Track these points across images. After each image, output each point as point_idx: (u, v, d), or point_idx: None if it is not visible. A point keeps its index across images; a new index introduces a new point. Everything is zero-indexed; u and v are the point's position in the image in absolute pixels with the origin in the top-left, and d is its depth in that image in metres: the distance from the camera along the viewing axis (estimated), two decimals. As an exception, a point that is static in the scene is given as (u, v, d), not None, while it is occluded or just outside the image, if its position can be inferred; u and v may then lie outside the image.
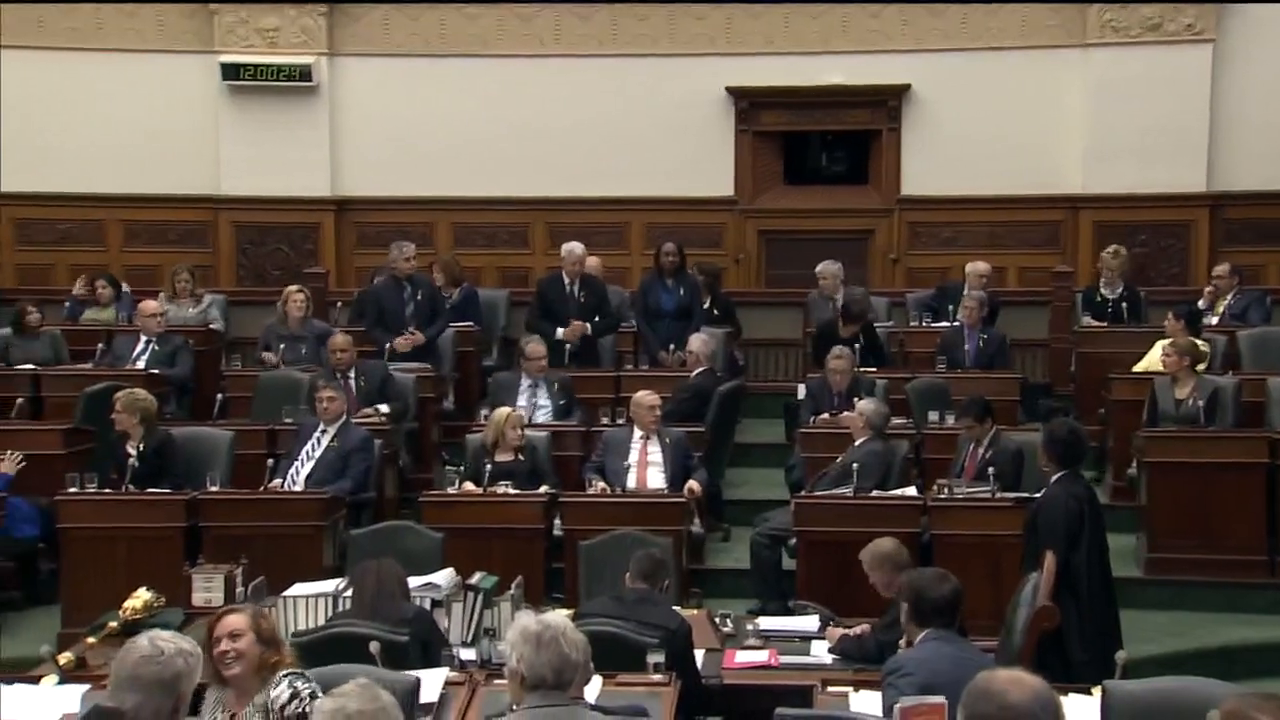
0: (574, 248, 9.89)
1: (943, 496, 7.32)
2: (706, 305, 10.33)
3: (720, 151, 11.79)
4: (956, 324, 9.94)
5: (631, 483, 7.78)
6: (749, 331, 10.85)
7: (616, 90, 11.70)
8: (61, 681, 4.86)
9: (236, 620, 4.13)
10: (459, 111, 11.69)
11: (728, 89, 11.75)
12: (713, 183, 11.80)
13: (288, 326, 9.67)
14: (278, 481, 7.64)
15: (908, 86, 11.67)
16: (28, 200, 11.65)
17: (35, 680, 4.86)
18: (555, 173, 11.68)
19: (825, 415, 8.68)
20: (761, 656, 5.46)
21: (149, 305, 9.56)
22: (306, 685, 4.05)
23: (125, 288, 10.70)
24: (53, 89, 11.51)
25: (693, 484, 7.74)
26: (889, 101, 11.76)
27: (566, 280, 9.79)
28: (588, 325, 9.66)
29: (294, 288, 9.80)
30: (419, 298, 9.62)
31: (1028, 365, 10.50)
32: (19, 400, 8.63)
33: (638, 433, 7.96)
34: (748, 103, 11.81)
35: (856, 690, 4.84)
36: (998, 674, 2.83)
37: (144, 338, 9.38)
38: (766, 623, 5.96)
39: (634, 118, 11.68)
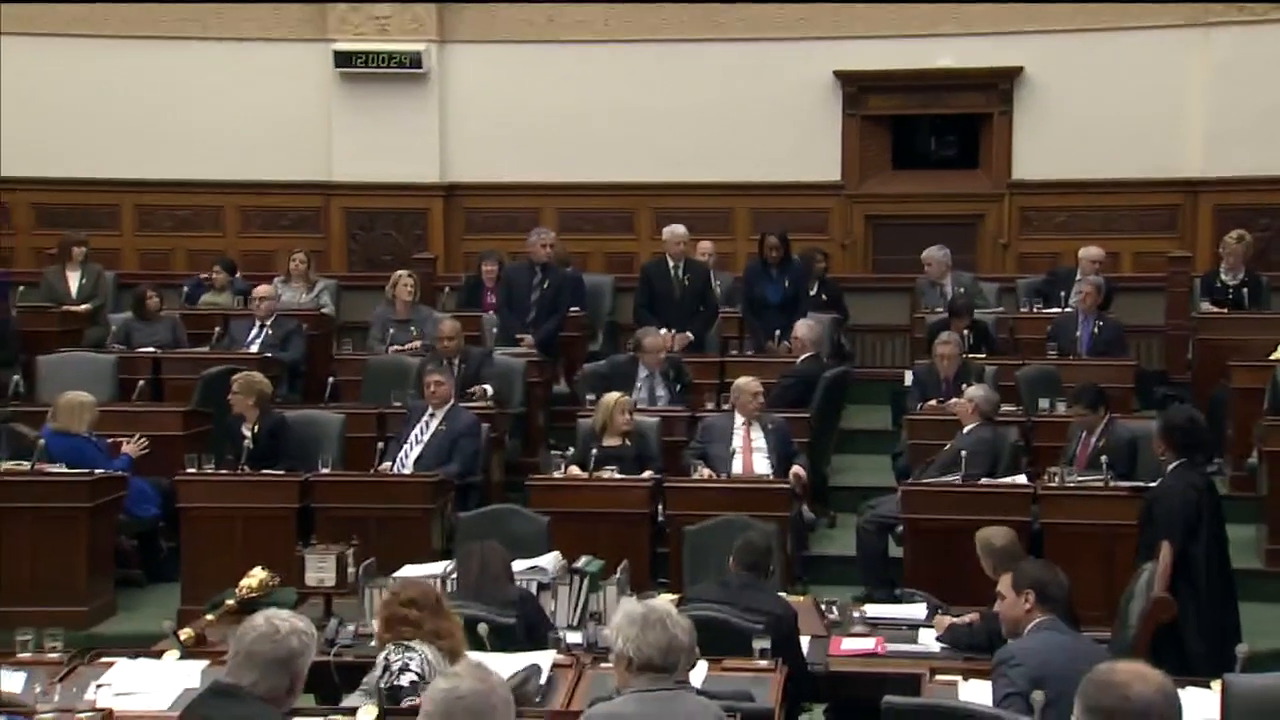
0: (676, 230, 9.87)
1: (1054, 485, 7.20)
2: (814, 292, 10.26)
3: (827, 136, 11.69)
4: (1069, 310, 9.76)
5: (737, 468, 7.76)
6: (855, 317, 10.76)
7: (723, 75, 11.66)
8: (183, 657, 4.96)
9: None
10: (566, 97, 11.73)
11: (835, 73, 11.65)
12: (819, 168, 11.71)
13: (396, 311, 9.79)
14: (387, 464, 7.75)
15: (1020, 69, 11.47)
16: (149, 187, 11.92)
17: (158, 655, 4.97)
18: (661, 158, 11.68)
19: (933, 402, 8.58)
20: (868, 644, 5.42)
21: (260, 289, 9.74)
22: (399, 658, 4.10)
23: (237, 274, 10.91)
24: (172, 78, 11.75)
25: (798, 470, 7.71)
26: (1000, 84, 11.58)
27: (671, 263, 9.77)
28: (690, 335, 9.59)
29: (403, 273, 9.91)
30: (545, 286, 9.68)
31: (1143, 352, 10.28)
32: (140, 383, 8.83)
33: (739, 419, 7.93)
34: (856, 87, 11.70)
35: (965, 679, 4.78)
36: (1119, 666, 2.77)
37: (258, 322, 9.56)
38: (873, 610, 5.91)
39: (740, 103, 11.62)
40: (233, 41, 11.75)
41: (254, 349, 9.36)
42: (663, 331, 9.21)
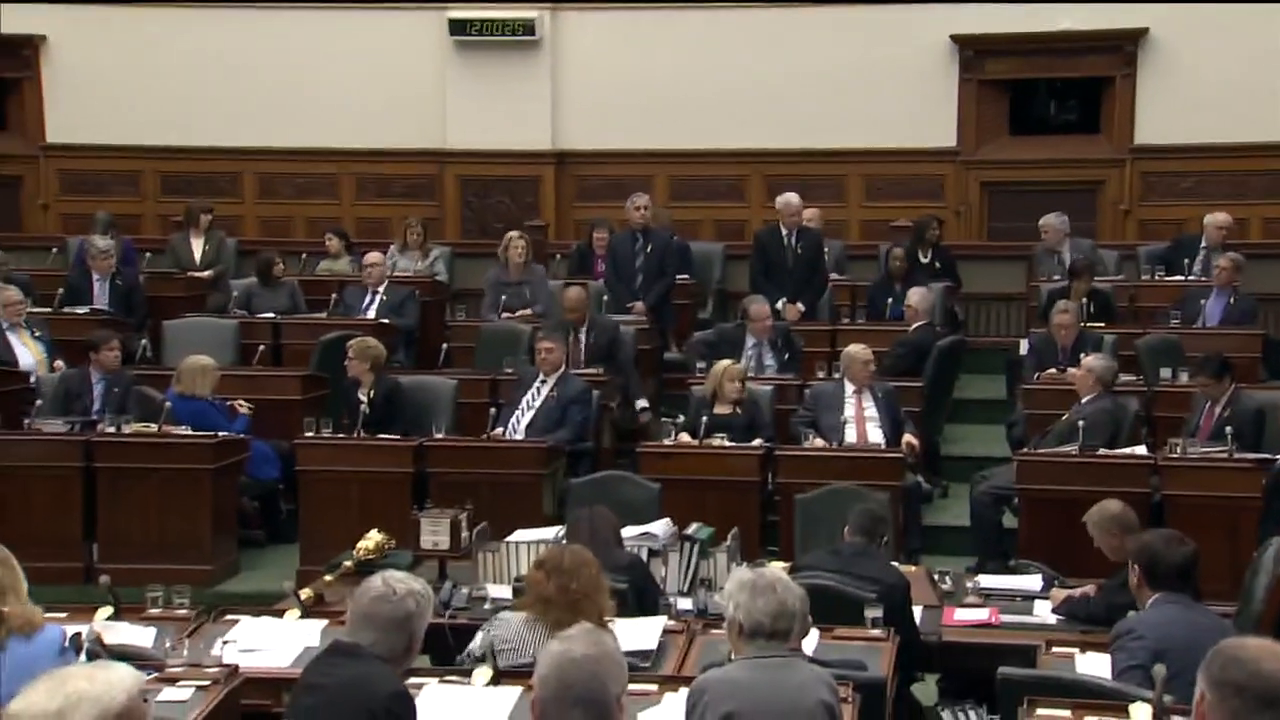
0: (790, 199, 9.80)
1: (1175, 456, 7.03)
2: (927, 259, 10.13)
3: (943, 101, 11.51)
4: (1198, 280, 9.51)
5: (851, 437, 7.70)
6: (969, 285, 10.60)
7: (837, 40, 11.53)
8: (303, 616, 5.06)
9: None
10: (678, 63, 11.68)
11: (952, 37, 11.45)
12: (934, 133, 11.53)
13: (509, 273, 9.86)
14: (499, 430, 7.82)
15: (1145, 31, 11.17)
16: (269, 156, 12.12)
17: (279, 614, 5.08)
18: (773, 124, 11.59)
19: (1050, 371, 8.43)
20: (982, 615, 5.36)
21: (370, 257, 9.86)
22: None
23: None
24: (291, 48, 11.92)
25: (911, 439, 7.63)
26: (1125, 47, 11.29)
27: (784, 231, 9.71)
28: (801, 307, 9.53)
29: (514, 234, 9.97)
30: (649, 250, 9.70)
31: (1271, 320, 9.98)
32: (260, 347, 9.01)
33: (850, 387, 7.87)
34: (973, 51, 11.49)
35: (1083, 651, 4.71)
36: (1248, 642, 2.71)
37: (370, 288, 9.69)
38: (987, 581, 5.84)
39: (854, 67, 11.48)
40: (351, 11, 11.88)
41: (370, 315, 9.49)
42: (780, 303, 9.16)
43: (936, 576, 5.78)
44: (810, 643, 4.40)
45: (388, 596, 3.61)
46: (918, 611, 5.27)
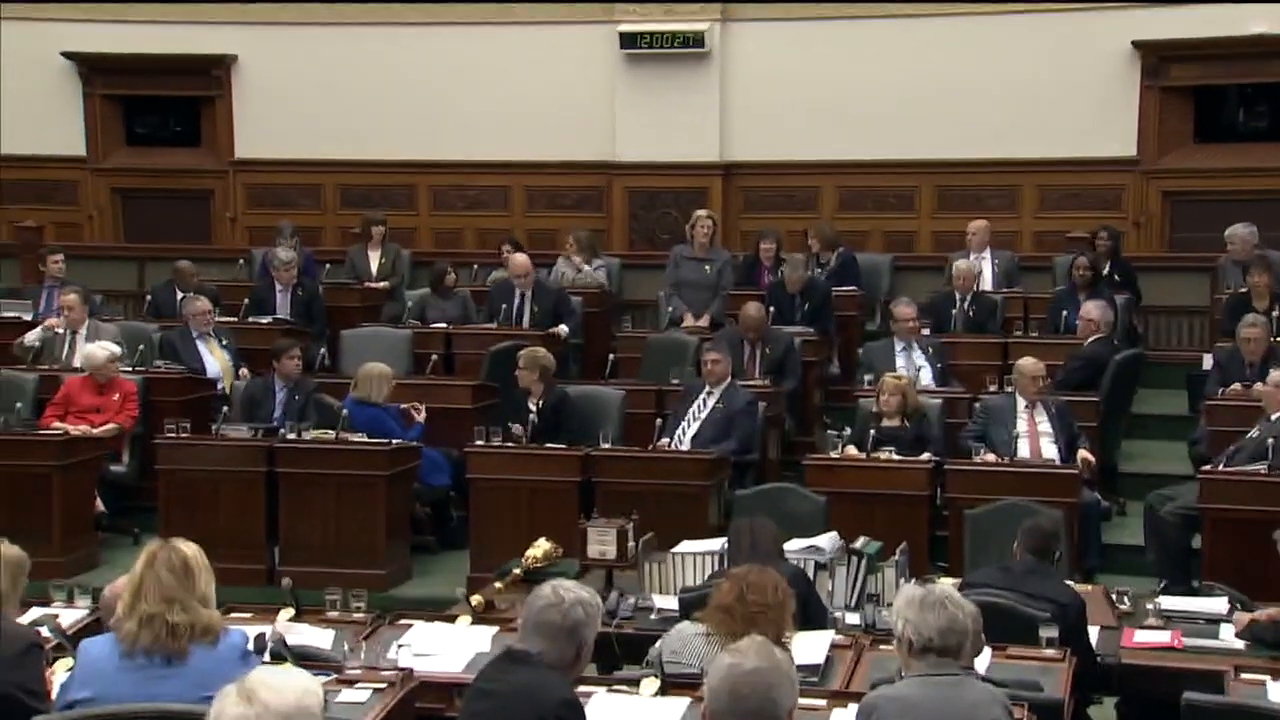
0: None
1: (1374, 477, 6.70)
2: (1106, 271, 9.87)
3: (1123, 109, 11.17)
4: None
5: (1023, 452, 7.55)
6: (1149, 298, 10.28)
7: (1012, 48, 11.29)
8: (474, 622, 5.13)
9: None
10: (847, 74, 11.58)
11: (1134, 43, 11.11)
12: (1113, 142, 11.20)
13: (694, 250, 10.05)
14: (665, 441, 7.85)
15: (1340, 33, 10.71)
16: (442, 169, 12.37)
17: (451, 619, 5.16)
18: (945, 134, 11.41)
19: (1236, 386, 8.13)
20: (1163, 637, 5.19)
21: (516, 259, 9.94)
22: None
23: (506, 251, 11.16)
24: (464, 63, 12.12)
25: (1087, 454, 7.44)
26: (1322, 51, 10.82)
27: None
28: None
29: (703, 212, 10.21)
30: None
31: None
32: (433, 357, 9.20)
33: (1022, 401, 7.71)
34: (1156, 57, 11.13)
35: (1275, 679, 4.52)
36: None
37: (518, 294, 9.76)
38: (1168, 602, 5.64)
39: (1029, 76, 11.23)
40: (524, 27, 12.04)
41: (525, 323, 9.60)
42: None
43: (1114, 596, 5.62)
44: (982, 662, 4.32)
45: (557, 605, 3.65)
46: (1094, 632, 5.14)
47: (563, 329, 9.53)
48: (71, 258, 10.58)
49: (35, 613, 4.81)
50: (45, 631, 4.48)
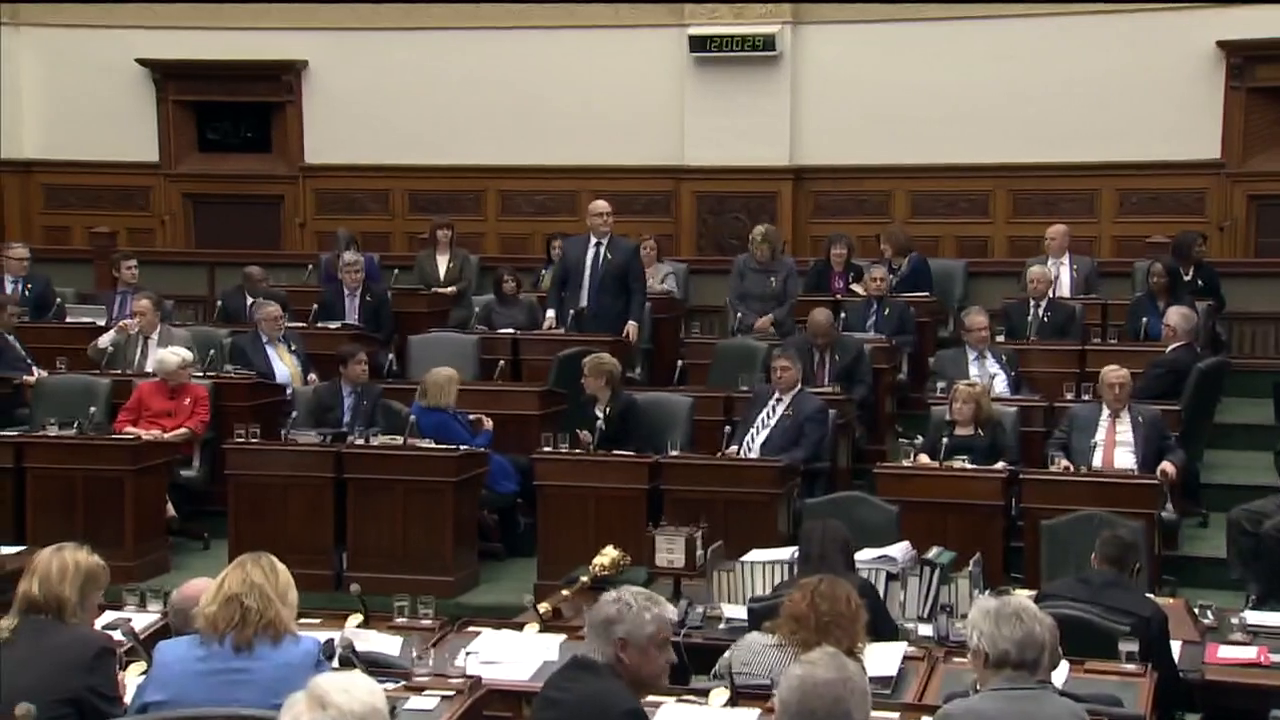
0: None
1: None
2: (1188, 277, 9.67)
3: (1206, 111, 10.95)
4: None
5: (1098, 461, 7.40)
6: (1233, 304, 10.06)
7: (1089, 49, 11.10)
8: (542, 630, 5.10)
9: None
10: (920, 77, 11.44)
11: (1219, 43, 10.89)
12: (1195, 145, 10.98)
13: (756, 260, 9.91)
14: (734, 448, 7.78)
15: None
16: (510, 173, 12.39)
17: (519, 627, 5.14)
18: (1019, 137, 11.25)
19: (1324, 395, 7.92)
20: (1249, 653, 5.04)
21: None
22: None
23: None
24: (532, 68, 12.12)
25: (1166, 465, 7.27)
26: None
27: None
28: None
29: (763, 228, 10.00)
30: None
31: None
32: (500, 363, 9.19)
33: (1106, 410, 7.55)
34: (1241, 57, 10.90)
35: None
36: None
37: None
38: (1254, 617, 5.49)
39: (1107, 77, 11.04)
40: (592, 30, 12.02)
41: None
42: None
43: (1197, 611, 5.48)
44: (1060, 676, 4.21)
45: (601, 603, 3.65)
46: (1176, 647, 5.00)
47: (632, 326, 9.43)
48: (143, 263, 10.70)
49: (108, 616, 4.83)
50: (118, 635, 4.49)
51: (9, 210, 12.84)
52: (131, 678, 4.24)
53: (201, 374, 8.74)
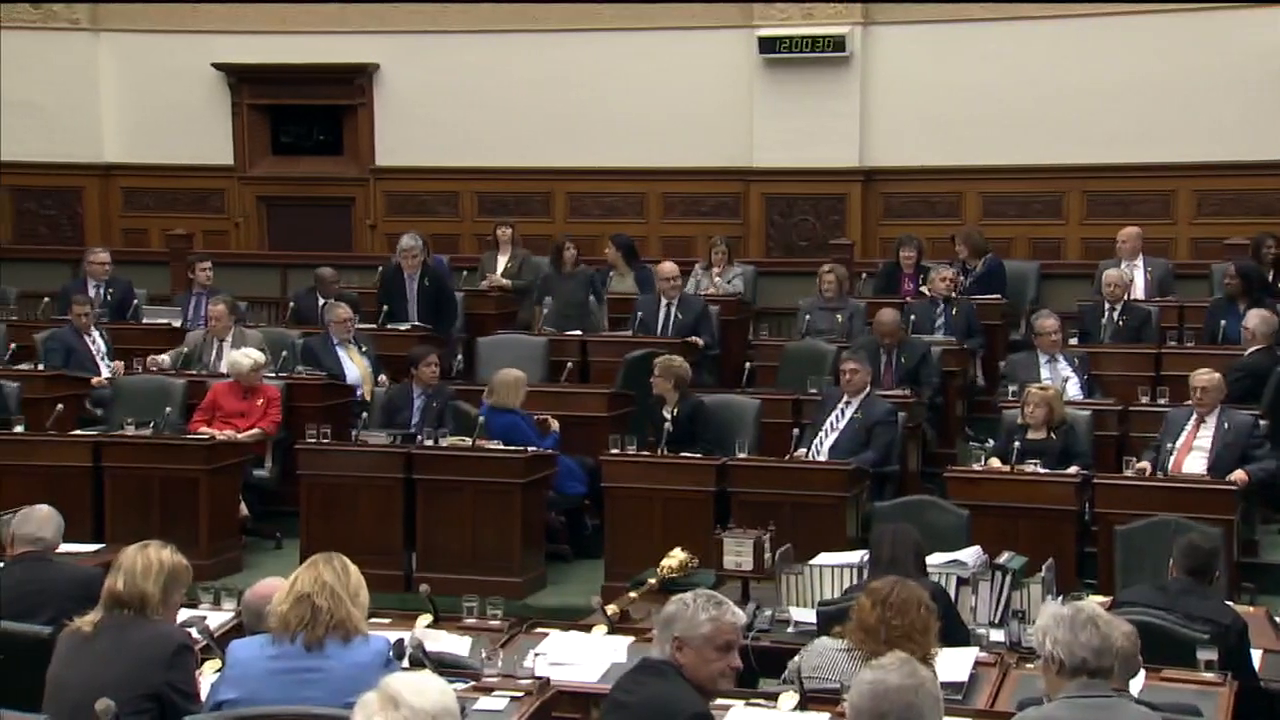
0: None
1: None
2: (1271, 278, 9.50)
3: (1281, 109, 10.78)
4: None
5: (1175, 466, 7.28)
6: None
7: (1164, 47, 10.96)
8: (610, 632, 5.10)
9: None
10: (992, 77, 11.34)
11: (1298, 41, 10.72)
12: (1275, 144, 10.75)
13: (823, 299, 9.81)
14: (802, 451, 7.75)
15: None
16: (579, 175, 12.41)
17: (587, 629, 5.14)
18: (1093, 138, 11.10)
19: (1407, 400, 7.74)
20: (1334, 664, 4.93)
21: (664, 268, 9.90)
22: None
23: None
24: (601, 69, 12.13)
25: (1239, 473, 7.14)
26: None
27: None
28: None
29: (825, 268, 9.90)
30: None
31: None
32: (569, 365, 9.22)
33: (1195, 414, 7.44)
34: (1322, 54, 10.72)
35: None
36: None
37: (664, 302, 9.74)
38: (1338, 627, 5.38)
39: (1183, 76, 10.90)
40: (661, 32, 12.01)
41: (666, 331, 9.56)
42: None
43: (1278, 619, 5.37)
44: (1136, 684, 4.15)
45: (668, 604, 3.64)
46: (1256, 656, 4.91)
47: (698, 340, 9.45)
48: (218, 265, 10.84)
49: (183, 614, 4.88)
50: (194, 633, 4.55)
51: (90, 213, 13.06)
52: (207, 675, 4.29)
53: (274, 375, 8.84)
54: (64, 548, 5.31)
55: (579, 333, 9.77)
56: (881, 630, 4.18)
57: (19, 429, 8.08)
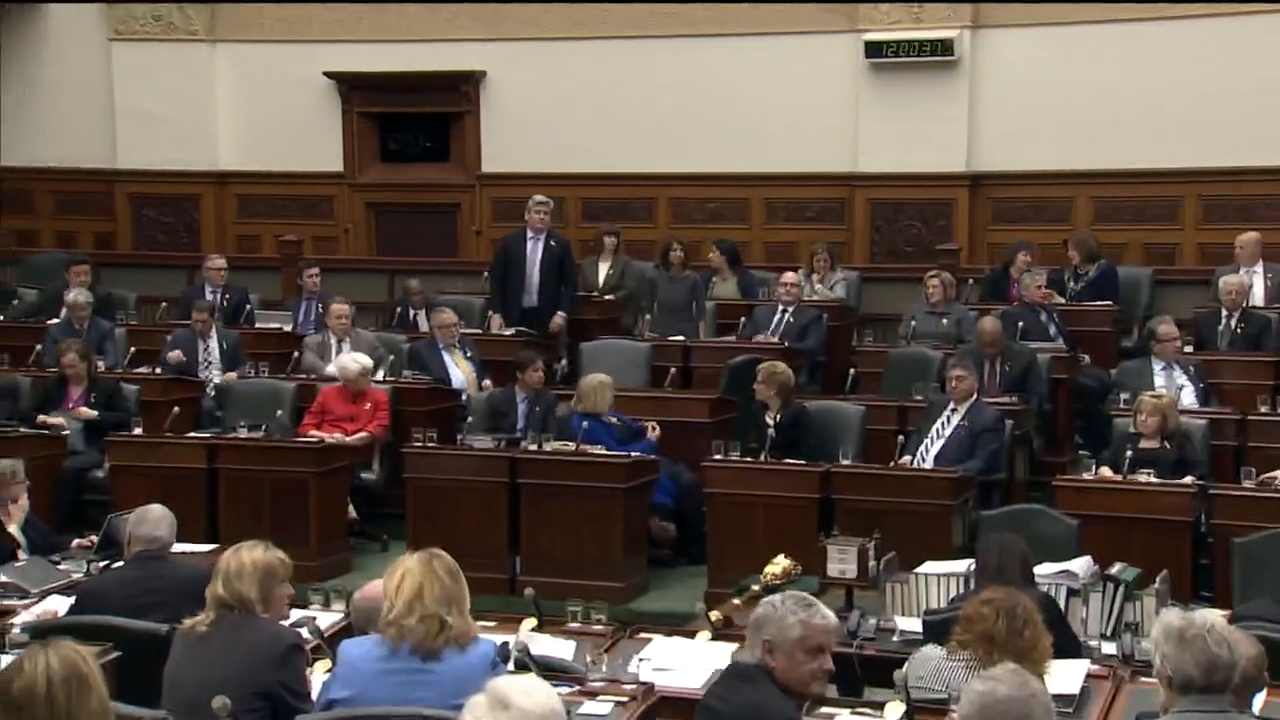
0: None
1: None
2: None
3: None
4: None
5: (1288, 476, 7.09)
6: None
7: (1282, 47, 10.67)
8: (713, 638, 5.09)
9: None
10: (1104, 80, 11.10)
11: None
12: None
13: (930, 304, 9.74)
14: (907, 458, 7.67)
15: None
16: (682, 181, 12.39)
17: (690, 634, 5.13)
18: (1210, 141, 10.83)
19: None
20: None
21: (787, 276, 9.90)
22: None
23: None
24: (705, 74, 12.07)
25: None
26: None
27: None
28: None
29: (931, 274, 9.80)
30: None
31: None
32: (672, 370, 9.22)
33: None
34: None
35: None
36: None
37: (779, 308, 9.72)
38: None
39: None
40: (766, 37, 11.96)
41: (775, 337, 9.53)
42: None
43: None
44: (1258, 702, 4.03)
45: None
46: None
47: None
48: (326, 270, 11.03)
49: (293, 615, 4.96)
50: (305, 633, 4.62)
51: (205, 219, 13.35)
52: (317, 675, 4.35)
53: (381, 379, 8.96)
54: (178, 547, 5.44)
55: (682, 338, 9.78)
56: (1009, 641, 4.10)
57: (137, 430, 8.29)
